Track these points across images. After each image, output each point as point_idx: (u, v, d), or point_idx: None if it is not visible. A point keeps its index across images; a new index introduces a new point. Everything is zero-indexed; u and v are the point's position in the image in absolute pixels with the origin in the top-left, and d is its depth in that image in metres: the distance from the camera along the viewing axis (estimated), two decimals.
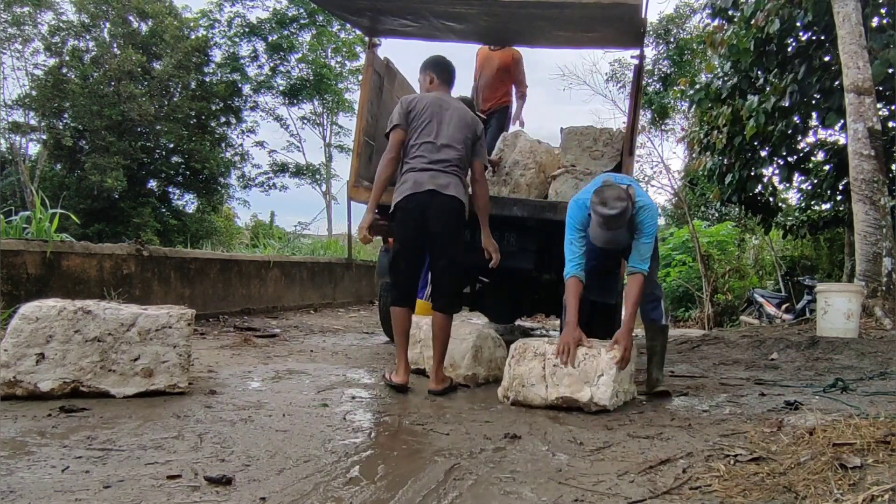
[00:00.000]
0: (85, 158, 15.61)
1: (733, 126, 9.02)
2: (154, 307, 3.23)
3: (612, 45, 5.84)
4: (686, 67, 14.63)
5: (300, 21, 20.85)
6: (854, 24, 6.70)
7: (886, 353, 4.97)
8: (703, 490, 1.97)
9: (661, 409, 3.26)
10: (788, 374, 4.52)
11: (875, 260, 6.53)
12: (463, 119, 3.57)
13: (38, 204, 5.10)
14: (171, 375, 3.02)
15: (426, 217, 3.40)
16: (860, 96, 6.64)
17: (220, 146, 19.30)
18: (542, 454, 2.37)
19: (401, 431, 2.66)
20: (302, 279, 8.10)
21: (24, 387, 2.77)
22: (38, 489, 1.81)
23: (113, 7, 16.52)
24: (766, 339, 5.93)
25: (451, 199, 3.41)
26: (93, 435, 2.33)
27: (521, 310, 6.14)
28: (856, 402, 3.23)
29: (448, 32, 4.96)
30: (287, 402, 3.02)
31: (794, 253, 12.97)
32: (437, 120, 3.51)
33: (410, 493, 1.92)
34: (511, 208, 4.50)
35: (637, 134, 5.16)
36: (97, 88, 15.87)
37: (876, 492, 1.70)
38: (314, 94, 21.30)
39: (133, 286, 5.21)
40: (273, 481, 1.97)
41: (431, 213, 3.40)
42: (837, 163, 8.99)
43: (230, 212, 22.05)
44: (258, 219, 22.53)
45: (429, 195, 3.38)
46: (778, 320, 9.11)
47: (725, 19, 9.35)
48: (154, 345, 3.01)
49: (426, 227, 3.42)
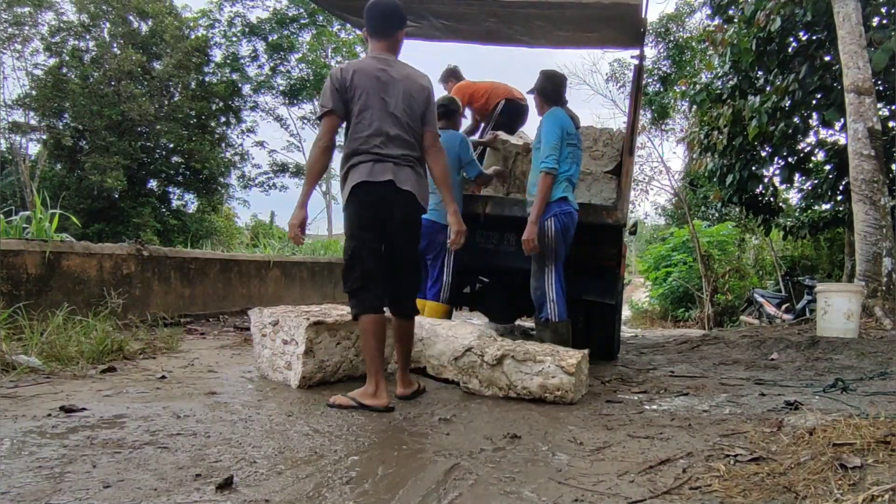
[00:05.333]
0: (85, 158, 15.61)
1: (734, 126, 9.03)
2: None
3: (612, 44, 5.84)
4: (686, 67, 14.63)
5: (300, 21, 20.88)
6: (854, 24, 6.70)
7: (886, 353, 4.97)
8: (703, 490, 1.96)
9: (660, 409, 3.26)
10: (788, 374, 4.52)
11: (875, 260, 6.54)
12: (410, 93, 3.08)
13: (38, 204, 5.10)
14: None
15: (389, 212, 3.03)
16: (860, 96, 6.64)
17: (220, 146, 19.33)
18: (542, 454, 2.37)
19: (400, 431, 2.66)
20: (302, 279, 8.10)
21: None
22: (38, 489, 1.81)
23: (113, 7, 16.53)
24: (766, 339, 5.94)
25: (411, 196, 3.06)
26: (93, 435, 2.33)
27: (521, 310, 6.14)
28: (856, 402, 3.23)
29: (448, 32, 4.97)
30: (287, 401, 3.02)
31: (795, 253, 12.98)
32: (379, 103, 3.02)
33: (410, 492, 1.92)
34: (511, 208, 4.51)
35: (637, 134, 5.17)
36: (97, 88, 15.88)
37: (876, 492, 1.69)
38: (314, 94, 21.30)
39: (133, 286, 5.21)
40: (273, 481, 1.97)
41: (395, 209, 3.04)
42: (838, 163, 9.00)
43: (230, 212, 22.06)
44: (258, 219, 22.59)
45: (388, 188, 3.00)
46: (778, 320, 9.12)
47: (725, 19, 9.36)
48: None
49: (386, 223, 3.05)
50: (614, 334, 5.27)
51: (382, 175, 3.00)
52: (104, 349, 3.76)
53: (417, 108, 3.11)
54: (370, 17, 3.19)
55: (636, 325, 14.68)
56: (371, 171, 3.00)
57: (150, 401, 2.88)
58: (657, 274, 15.74)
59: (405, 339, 3.25)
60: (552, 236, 3.96)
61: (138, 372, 3.53)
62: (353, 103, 3.03)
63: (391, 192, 3.02)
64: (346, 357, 3.47)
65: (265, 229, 19.32)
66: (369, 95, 3.02)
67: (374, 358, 2.99)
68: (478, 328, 3.99)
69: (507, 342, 3.56)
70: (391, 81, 3.06)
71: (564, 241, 4.02)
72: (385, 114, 3.03)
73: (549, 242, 3.97)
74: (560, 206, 3.99)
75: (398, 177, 3.02)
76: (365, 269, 3.02)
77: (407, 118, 3.07)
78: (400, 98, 3.05)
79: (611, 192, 5.03)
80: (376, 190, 3.00)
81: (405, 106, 3.06)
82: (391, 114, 3.04)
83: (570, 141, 4.05)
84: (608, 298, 4.86)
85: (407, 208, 3.09)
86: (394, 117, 3.04)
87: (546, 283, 4.01)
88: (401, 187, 3.03)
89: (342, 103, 3.04)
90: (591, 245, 4.52)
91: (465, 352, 3.52)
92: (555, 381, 3.25)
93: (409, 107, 3.08)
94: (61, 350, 3.58)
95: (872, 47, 7.02)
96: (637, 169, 15.44)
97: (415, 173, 3.11)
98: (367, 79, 3.03)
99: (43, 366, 3.38)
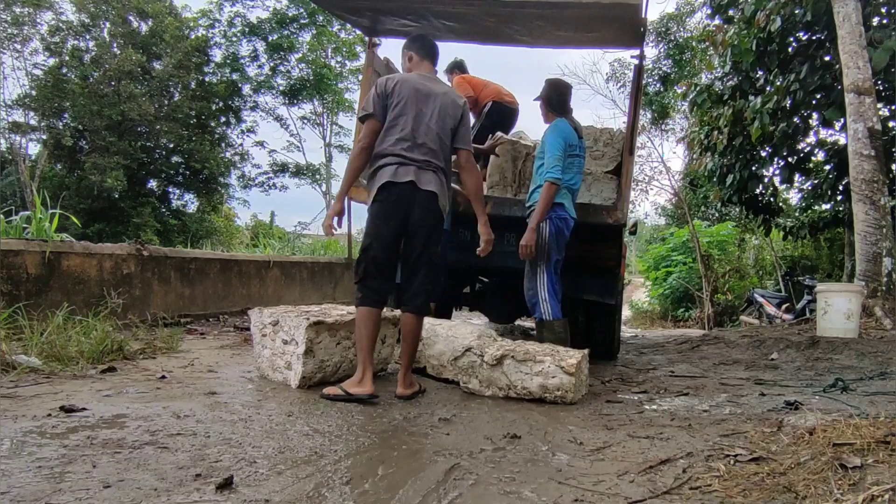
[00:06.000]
0: (85, 158, 15.61)
1: (734, 127, 9.03)
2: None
3: (612, 44, 5.84)
4: (686, 67, 14.63)
5: (300, 21, 20.85)
6: (854, 24, 6.70)
7: (886, 353, 4.97)
8: (703, 490, 1.97)
9: (660, 409, 3.26)
10: (788, 374, 4.52)
11: (875, 260, 6.54)
12: (445, 109, 3.30)
13: (38, 204, 5.10)
14: None
15: (408, 211, 3.19)
16: (860, 96, 6.64)
17: (220, 146, 19.30)
18: (542, 454, 2.37)
19: (400, 431, 2.66)
20: (302, 279, 8.10)
21: None
22: (38, 489, 1.81)
23: (113, 7, 16.53)
24: (766, 339, 5.94)
25: (432, 195, 3.22)
26: (93, 434, 2.33)
27: (521, 310, 6.14)
28: (856, 402, 3.23)
29: (448, 32, 4.96)
30: (287, 401, 3.02)
31: (795, 253, 12.99)
32: (415, 111, 3.23)
33: (410, 492, 1.92)
34: (511, 208, 4.51)
35: (637, 134, 5.17)
36: (97, 88, 15.88)
37: (876, 492, 1.69)
38: (314, 94, 21.30)
39: (133, 286, 5.21)
40: (273, 481, 1.97)
41: (414, 208, 3.19)
42: (838, 163, 9.00)
43: (230, 212, 22.05)
44: (258, 219, 22.59)
45: (410, 188, 3.17)
46: (778, 320, 9.12)
47: (725, 19, 9.36)
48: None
49: (406, 222, 3.20)
50: (614, 334, 5.28)
51: (405, 176, 3.18)
52: (104, 349, 3.76)
53: (450, 123, 3.32)
54: (424, 43, 3.55)
55: (636, 325, 14.68)
56: (395, 172, 3.19)
57: (150, 401, 2.87)
58: (657, 274, 15.73)
59: (410, 337, 3.29)
60: (546, 239, 4.02)
61: (138, 372, 3.52)
62: (390, 109, 3.25)
63: (412, 192, 3.18)
64: (347, 357, 3.47)
65: (265, 229, 19.34)
66: (407, 104, 3.25)
67: (363, 347, 3.13)
68: (478, 328, 3.99)
69: (507, 342, 3.57)
70: (430, 94, 3.30)
71: (557, 245, 4.07)
72: (418, 122, 3.24)
73: (543, 244, 4.03)
74: (556, 212, 4.06)
75: (420, 178, 3.20)
76: (371, 264, 3.21)
77: (438, 130, 3.27)
78: (436, 111, 3.28)
79: (611, 192, 5.03)
80: (398, 190, 3.18)
81: (439, 119, 3.28)
82: (424, 123, 3.25)
83: (572, 152, 4.11)
84: (608, 298, 4.86)
85: (426, 208, 3.22)
86: (426, 127, 3.25)
87: (538, 283, 4.05)
88: (421, 188, 3.19)
89: (382, 108, 3.26)
90: (591, 245, 4.52)
91: (465, 352, 3.52)
92: (555, 381, 3.25)
93: (443, 120, 3.29)
94: (61, 350, 3.58)
95: (873, 47, 7.03)
96: (637, 169, 15.45)
97: (437, 178, 3.27)
98: (408, 89, 3.27)
99: (43, 366, 3.38)
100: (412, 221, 3.21)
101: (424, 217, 3.23)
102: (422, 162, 3.21)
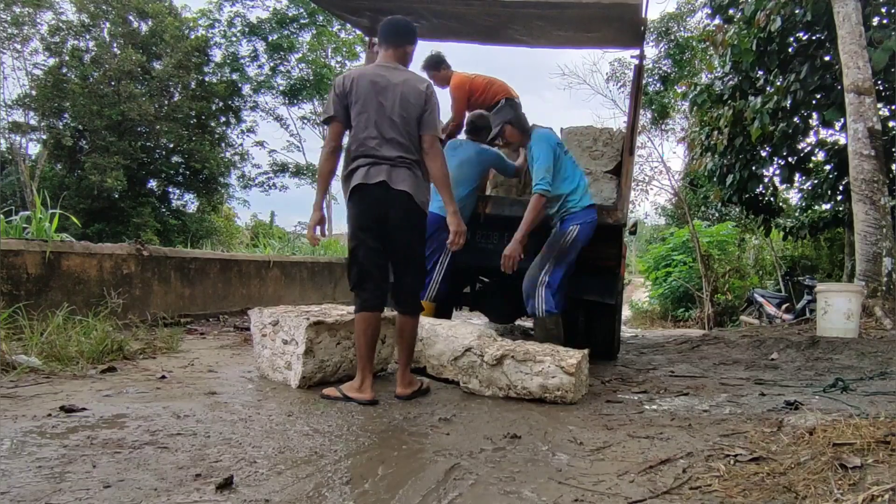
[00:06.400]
0: (85, 158, 15.62)
1: (734, 127, 9.03)
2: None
3: (612, 44, 5.85)
4: (686, 67, 14.63)
5: (300, 21, 20.87)
6: (854, 24, 6.70)
7: (886, 353, 4.97)
8: (703, 490, 1.97)
9: (660, 409, 3.26)
10: (788, 374, 4.52)
11: (875, 260, 6.54)
12: (406, 98, 3.13)
13: (38, 204, 5.10)
14: None
15: (384, 212, 3.10)
16: (860, 96, 6.64)
17: (220, 146, 19.32)
18: (542, 454, 2.37)
19: (400, 431, 2.66)
20: (302, 279, 8.10)
21: None
22: (38, 489, 1.81)
23: (113, 7, 16.54)
24: (766, 339, 5.94)
25: (405, 195, 3.10)
26: (93, 435, 2.33)
27: (521, 310, 6.14)
28: (856, 402, 3.23)
29: (448, 32, 4.97)
30: (287, 401, 3.02)
31: (795, 253, 12.99)
32: (375, 105, 3.09)
33: (410, 492, 1.92)
34: (511, 208, 4.50)
35: (637, 134, 5.17)
36: (97, 88, 15.89)
37: (876, 492, 1.69)
38: (314, 94, 21.31)
39: (133, 286, 5.21)
40: (273, 481, 1.97)
41: (390, 209, 3.10)
42: (838, 163, 9.00)
43: (230, 212, 22.08)
44: (258, 219, 22.60)
45: (382, 189, 3.07)
46: (778, 320, 9.12)
47: (725, 19, 9.36)
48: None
49: (384, 223, 3.12)
50: (614, 334, 5.27)
51: (377, 177, 3.09)
52: (104, 349, 3.76)
53: (413, 112, 3.15)
54: (383, 28, 3.31)
55: (636, 325, 14.68)
56: (366, 174, 3.10)
57: (150, 401, 2.87)
58: (657, 274, 15.73)
59: (406, 336, 3.27)
60: (570, 241, 3.99)
61: (138, 372, 3.53)
62: (352, 108, 3.14)
63: (384, 192, 3.09)
64: (346, 357, 3.47)
65: (265, 229, 19.36)
66: (366, 100, 3.12)
67: (363, 354, 3.12)
68: (478, 328, 3.99)
69: (507, 342, 3.57)
70: (388, 86, 3.13)
71: (576, 250, 4.04)
72: (381, 117, 3.11)
73: (565, 246, 3.98)
74: (590, 215, 4.04)
75: (392, 177, 3.09)
76: (361, 269, 3.16)
77: (402, 121, 3.13)
78: (397, 102, 3.12)
79: (611, 191, 5.03)
80: (371, 192, 3.10)
81: (401, 109, 3.12)
82: (387, 117, 3.11)
83: (561, 152, 4.10)
84: (608, 298, 4.85)
85: (402, 208, 3.13)
86: (390, 120, 3.11)
87: (540, 277, 4.01)
88: (394, 187, 3.09)
89: (343, 108, 3.16)
90: (591, 245, 4.52)
91: (465, 352, 3.52)
92: (555, 381, 3.25)
93: (406, 110, 3.13)
94: (61, 350, 3.58)
95: (873, 47, 7.03)
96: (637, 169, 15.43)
97: (411, 174, 3.16)
98: (364, 84, 3.13)
99: (43, 366, 3.38)
100: (390, 222, 3.12)
101: (402, 217, 3.13)
102: (395, 159, 3.10)
